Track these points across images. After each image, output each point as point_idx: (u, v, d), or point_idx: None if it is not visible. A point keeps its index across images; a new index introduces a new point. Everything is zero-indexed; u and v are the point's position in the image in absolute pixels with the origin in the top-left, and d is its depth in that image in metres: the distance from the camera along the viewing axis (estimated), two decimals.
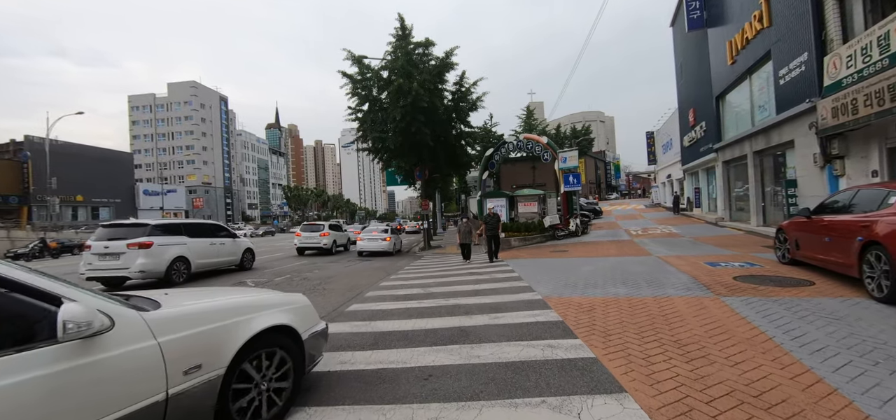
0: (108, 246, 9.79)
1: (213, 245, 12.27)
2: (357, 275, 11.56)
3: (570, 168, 20.65)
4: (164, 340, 2.29)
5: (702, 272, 7.53)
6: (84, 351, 1.95)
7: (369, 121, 20.18)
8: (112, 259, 9.73)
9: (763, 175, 15.78)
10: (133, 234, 10.03)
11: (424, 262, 14.19)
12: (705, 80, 21.58)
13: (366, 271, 12.56)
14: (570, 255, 12.25)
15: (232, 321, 2.72)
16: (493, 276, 9.14)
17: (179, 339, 2.38)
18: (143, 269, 9.77)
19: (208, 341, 2.54)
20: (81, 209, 54.02)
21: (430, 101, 18.90)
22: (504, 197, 21.04)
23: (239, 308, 2.86)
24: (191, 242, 11.31)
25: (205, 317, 2.61)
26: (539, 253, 14.08)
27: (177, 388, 2.29)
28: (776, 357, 3.52)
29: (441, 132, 20.55)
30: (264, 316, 2.97)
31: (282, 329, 3.05)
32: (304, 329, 3.28)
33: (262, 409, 2.82)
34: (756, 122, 15.81)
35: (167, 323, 2.37)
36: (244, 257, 13.72)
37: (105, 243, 9.85)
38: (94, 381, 1.97)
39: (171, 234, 10.80)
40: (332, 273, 12.16)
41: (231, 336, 2.68)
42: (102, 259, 9.75)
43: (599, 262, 10.25)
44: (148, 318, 2.31)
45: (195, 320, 2.53)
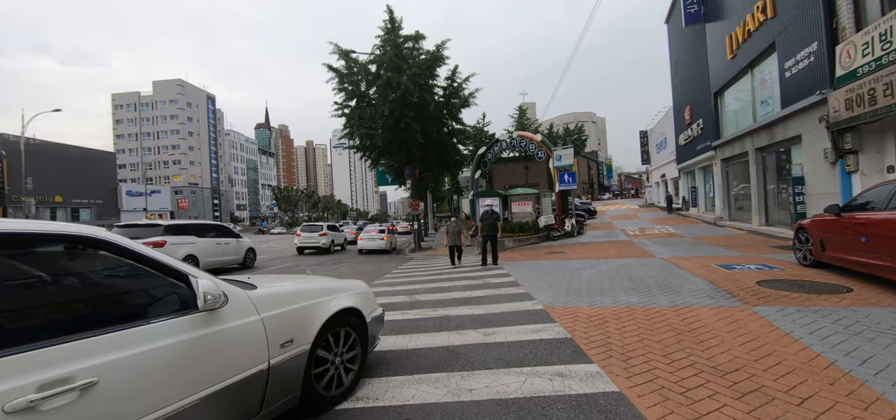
0: None
1: (218, 244, 13.16)
2: (349, 275, 10.67)
3: (565, 166, 19.96)
4: (266, 316, 2.55)
5: (718, 276, 6.81)
6: (214, 320, 2.23)
7: (356, 117, 19.27)
8: None
9: (765, 173, 15.22)
10: (148, 234, 11.06)
11: (414, 265, 13.35)
12: (703, 76, 21.06)
13: (356, 273, 11.67)
14: (569, 257, 11.51)
15: (315, 302, 3.02)
16: (487, 281, 8.34)
17: (277, 315, 2.64)
18: None
19: (298, 319, 2.81)
20: (60, 210, 52.12)
21: (419, 97, 18.09)
22: (497, 196, 20.28)
23: (319, 291, 3.15)
24: (199, 242, 12.23)
25: (294, 297, 2.88)
26: (535, 254, 13.32)
27: (276, 360, 2.54)
28: (851, 391, 2.75)
29: (431, 129, 19.74)
30: (338, 298, 3.26)
31: (351, 311, 3.33)
32: (368, 312, 3.59)
33: (334, 381, 3.08)
34: (758, 118, 15.25)
35: (267, 301, 2.63)
36: (246, 256, 14.61)
37: None
38: (219, 348, 2.22)
39: (181, 234, 11.77)
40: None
41: (315, 315, 2.96)
42: None
43: (601, 264, 9.51)
44: (252, 295, 2.57)
45: (287, 300, 2.81)
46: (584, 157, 62.55)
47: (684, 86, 25.67)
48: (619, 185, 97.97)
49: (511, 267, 10.34)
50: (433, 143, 20.73)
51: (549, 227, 18.54)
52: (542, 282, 7.59)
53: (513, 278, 8.37)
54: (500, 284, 7.74)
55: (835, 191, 10.57)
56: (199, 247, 12.05)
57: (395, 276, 10.60)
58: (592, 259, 10.63)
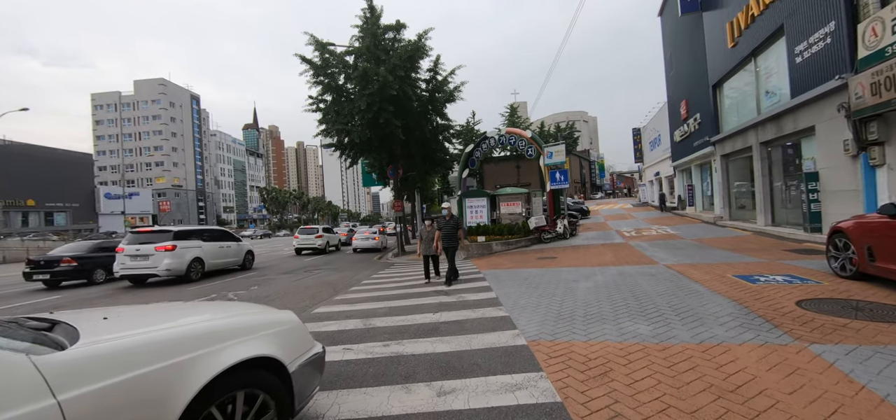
0: (139, 249, 11.53)
1: (221, 248, 14.05)
2: (316, 285, 9.28)
3: (556, 164, 18.75)
4: (69, 397, 1.47)
5: (742, 292, 5.58)
6: None
7: (333, 112, 17.86)
8: (142, 259, 11.49)
9: (771, 169, 14.12)
10: (159, 240, 11.80)
11: (391, 273, 12.01)
12: (700, 68, 19.99)
13: (321, 283, 10.28)
14: (560, 264, 10.25)
15: (186, 357, 1.87)
16: (463, 298, 7.02)
17: (97, 391, 1.56)
18: (169, 268, 11.58)
19: (146, 391, 1.70)
20: (33, 214, 49.87)
21: (400, 90, 16.73)
22: (485, 196, 19.01)
23: (201, 336, 2.01)
24: (205, 246, 13.07)
25: (141, 354, 1.76)
26: (523, 260, 12.06)
27: None
28: None
29: (414, 125, 18.40)
30: (239, 346, 2.13)
31: (262, 362, 2.23)
32: (293, 358, 2.47)
33: None
34: (763, 110, 14.14)
35: (78, 369, 1.55)
36: (245, 258, 15.42)
37: (136, 247, 11.59)
38: None
39: (189, 239, 12.60)
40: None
41: (184, 379, 1.83)
42: (134, 259, 11.52)
43: (597, 273, 8.26)
44: (45, 363, 1.49)
45: (127, 359, 1.70)
46: (575, 156, 61.64)
47: (679, 80, 24.63)
48: (611, 185, 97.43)
49: (495, 278, 9.05)
50: (417, 141, 19.40)
51: (539, 229, 17.31)
52: (529, 300, 6.30)
53: (494, 294, 7.08)
54: (478, 303, 6.44)
55: (856, 187, 9.44)
56: (204, 250, 12.95)
57: (363, 289, 9.25)
58: (587, 267, 9.38)
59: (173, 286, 11.49)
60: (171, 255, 11.63)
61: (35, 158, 50.53)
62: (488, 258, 14.02)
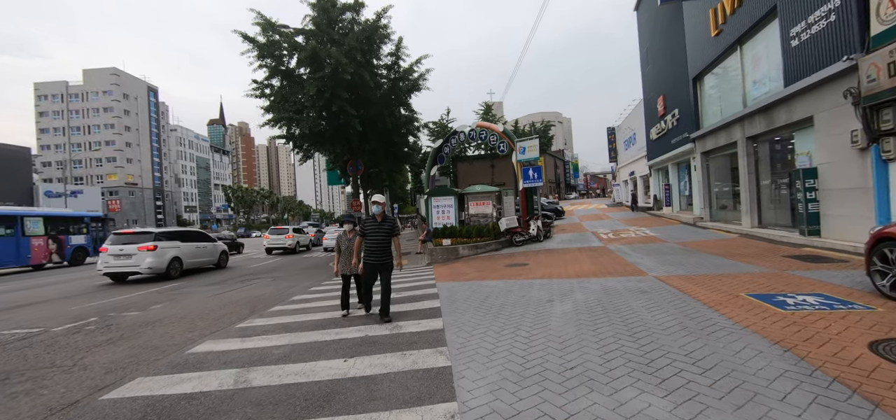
0: (123, 249, 12.21)
1: (198, 247, 14.60)
2: (240, 300, 7.25)
3: (529, 160, 17.27)
4: None
5: (779, 325, 4.05)
6: None
7: (279, 97, 15.75)
8: (125, 258, 12.15)
9: (758, 166, 13.04)
10: (141, 240, 12.51)
11: (334, 285, 10.07)
12: (678, 61, 18.98)
13: (247, 298, 8.26)
14: (532, 274, 8.64)
15: None
16: (398, 330, 5.21)
17: None
18: (151, 266, 12.22)
19: None
20: None
21: (356, 75, 14.83)
22: (452, 195, 17.32)
23: None
24: (183, 246, 13.68)
25: None
26: (491, 267, 10.41)
27: None
28: None
29: (374, 116, 16.51)
30: None
31: None
32: None
33: None
34: (750, 102, 13.04)
35: None
36: (220, 258, 15.97)
37: (119, 247, 12.25)
38: None
39: (168, 240, 13.28)
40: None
41: None
42: (117, 259, 12.15)
43: (576, 289, 6.68)
44: None
45: None
46: (550, 156, 61.00)
47: (657, 75, 23.72)
48: (585, 185, 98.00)
49: (450, 295, 7.32)
50: (378, 133, 17.50)
51: (511, 230, 15.76)
52: (485, 336, 4.59)
53: (442, 323, 5.33)
54: (415, 341, 4.65)
55: (865, 185, 8.25)
56: (182, 250, 13.55)
57: (283, 310, 7.31)
58: (563, 279, 7.78)
59: (148, 284, 11.98)
60: (153, 255, 12.41)
61: None
62: (452, 265, 12.32)
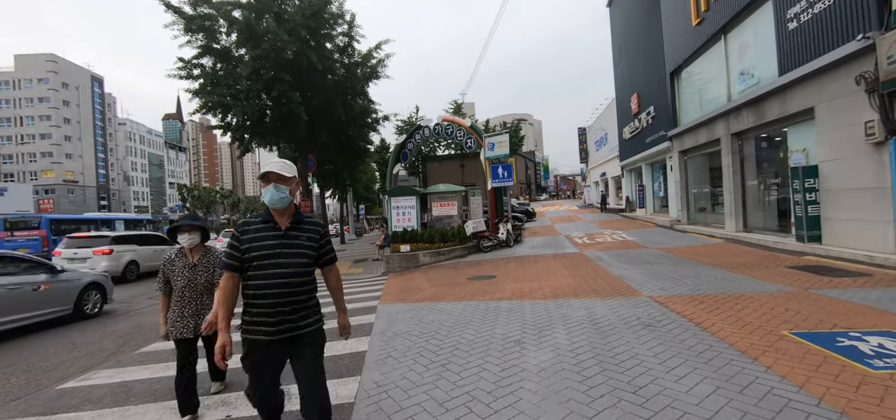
0: (77, 253, 11.97)
1: (155, 251, 13.99)
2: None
3: (498, 157, 15.77)
4: None
5: (887, 401, 2.56)
6: None
7: (210, 80, 13.50)
8: (80, 262, 11.68)
9: (743, 165, 12.03)
10: (97, 244, 12.34)
11: None
12: (654, 55, 18.05)
13: (108, 333, 6.20)
14: (499, 291, 7.02)
15: None
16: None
17: None
18: (107, 270, 11.12)
19: None
20: None
21: (301, 55, 12.85)
22: (413, 195, 15.56)
23: None
24: (140, 249, 13.49)
25: None
26: (452, 279, 8.74)
27: None
28: None
29: (324, 105, 14.53)
30: None
31: None
32: None
33: None
34: (735, 95, 12.03)
35: None
36: None
37: (73, 251, 12.02)
38: None
39: (124, 244, 13.00)
40: None
41: None
42: (72, 263, 11.50)
43: (555, 316, 5.11)
44: None
45: None
46: (521, 157, 60.27)
47: (631, 71, 22.87)
48: (555, 186, 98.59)
49: (389, 326, 5.58)
50: (330, 126, 15.52)
51: (478, 235, 14.17)
52: (420, 414, 2.88)
53: (354, 388, 3.58)
54: None
55: (882, 184, 7.14)
56: (139, 254, 13.31)
57: (129, 363, 5.35)
58: (538, 302, 6.19)
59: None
60: (109, 258, 12.13)
61: None
62: (408, 275, 10.55)
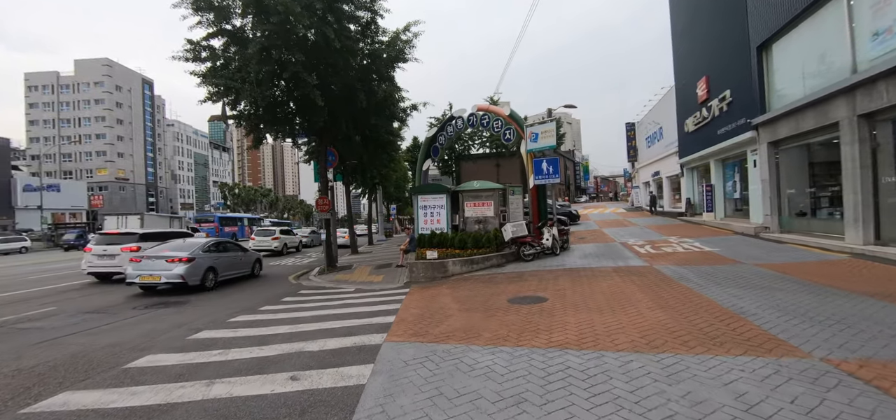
0: (106, 249, 12.21)
1: None
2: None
3: (543, 150, 13.50)
4: None
5: None
6: None
7: (218, 63, 12.12)
8: (109, 259, 12.15)
9: (875, 156, 9.11)
10: (125, 241, 12.45)
11: (268, 317, 6.29)
12: (734, 27, 15.09)
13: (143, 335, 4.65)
14: (559, 331, 4.83)
15: None
16: None
17: None
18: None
19: None
20: None
21: (317, 32, 11.20)
22: (443, 193, 13.58)
23: None
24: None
25: None
26: (489, 300, 6.63)
27: None
28: None
29: (344, 90, 12.83)
30: None
31: None
32: None
33: None
34: (865, 65, 9.14)
35: None
36: None
37: (103, 248, 12.30)
38: None
39: (152, 241, 12.55)
40: None
41: None
42: (101, 259, 12.22)
43: (663, 384, 2.95)
44: None
45: None
46: (560, 156, 56.91)
47: (697, 53, 19.78)
48: (594, 188, 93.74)
49: (389, 392, 3.56)
50: (351, 114, 13.80)
51: (518, 240, 11.97)
52: None
53: None
54: None
55: None
56: None
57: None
58: (625, 354, 3.98)
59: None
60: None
61: None
62: (434, 289, 8.54)
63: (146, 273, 9.86)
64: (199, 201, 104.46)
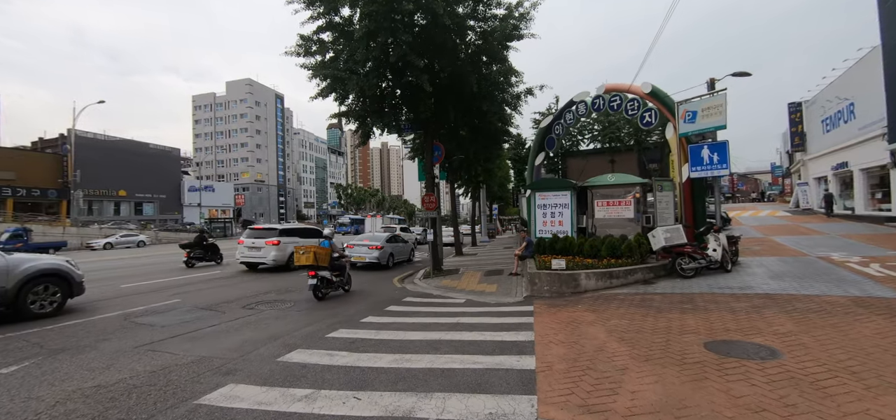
0: (254, 242, 13.89)
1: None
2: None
3: (704, 131, 10.43)
4: None
5: None
6: None
7: (331, 52, 11.70)
8: (256, 251, 13.76)
9: None
10: (268, 235, 14.09)
11: (368, 335, 5.12)
12: None
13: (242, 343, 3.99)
14: (842, 414, 2.49)
15: None
16: None
17: None
18: (275, 259, 13.55)
19: None
20: (124, 204, 52.97)
21: (426, 9, 10.00)
22: (568, 189, 11.37)
23: None
24: (300, 242, 13.54)
25: None
26: (666, 339, 4.39)
27: None
28: None
29: (454, 75, 11.47)
30: None
31: None
32: None
33: None
34: None
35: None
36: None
37: (252, 241, 13.96)
38: None
39: (289, 236, 14.39)
40: None
41: None
42: (250, 250, 13.84)
43: None
44: None
45: None
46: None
47: None
48: (730, 186, 79.78)
49: None
50: (461, 102, 12.38)
51: (673, 250, 9.18)
52: None
53: None
54: None
55: None
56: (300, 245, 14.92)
57: None
58: None
59: (275, 274, 13.03)
60: (277, 249, 13.61)
61: (128, 152, 53.70)
62: (569, 311, 6.46)
63: (356, 254, 14.41)
64: (319, 200, 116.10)
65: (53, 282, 7.00)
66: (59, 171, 45.71)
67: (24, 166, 43.19)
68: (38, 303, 6.77)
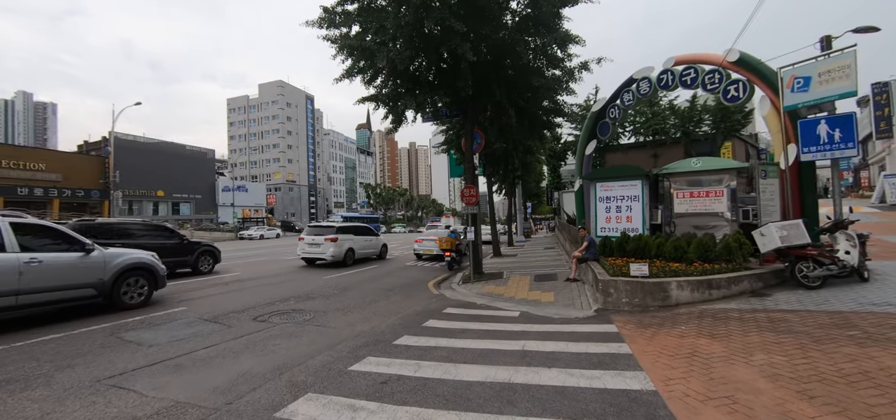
0: (314, 239, 14.67)
1: (367, 240, 16.64)
2: None
3: (822, 101, 8.24)
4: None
5: None
6: None
7: (357, 26, 10.25)
8: (315, 247, 14.55)
9: None
10: (326, 232, 14.78)
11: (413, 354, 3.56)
12: None
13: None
14: None
15: None
16: None
17: None
18: (333, 255, 14.33)
19: None
20: (162, 204, 54.37)
21: None
22: (639, 177, 9.41)
23: None
24: (356, 238, 15.73)
25: None
26: (873, 407, 2.47)
27: None
28: None
29: (499, 47, 9.77)
30: None
31: None
32: None
33: None
34: None
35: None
36: (382, 250, 17.65)
37: (312, 237, 14.76)
38: None
39: (346, 234, 15.21)
40: None
41: None
42: (310, 246, 14.64)
43: None
44: None
45: None
46: (741, 141, 44.99)
47: None
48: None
49: None
50: (506, 79, 10.62)
51: (789, 252, 7.11)
52: None
53: None
54: None
55: None
56: (355, 242, 15.56)
57: None
58: None
59: (334, 268, 13.65)
60: (335, 246, 14.34)
61: (166, 154, 55.17)
62: (676, 336, 4.52)
63: (423, 249, 16.63)
64: (348, 200, 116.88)
65: (143, 275, 7.46)
66: (101, 173, 47.22)
67: (69, 168, 44.76)
68: (129, 294, 7.19)
